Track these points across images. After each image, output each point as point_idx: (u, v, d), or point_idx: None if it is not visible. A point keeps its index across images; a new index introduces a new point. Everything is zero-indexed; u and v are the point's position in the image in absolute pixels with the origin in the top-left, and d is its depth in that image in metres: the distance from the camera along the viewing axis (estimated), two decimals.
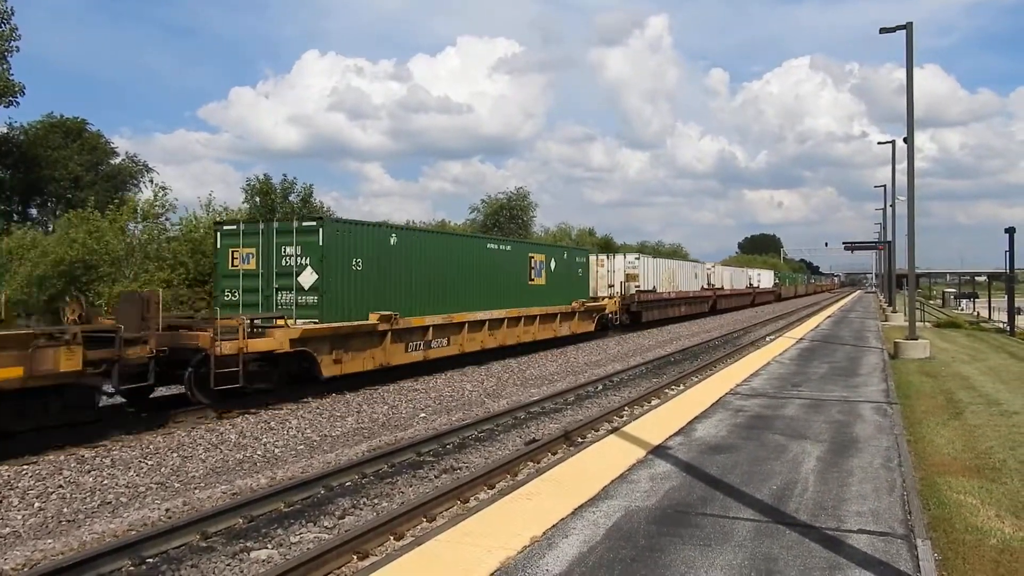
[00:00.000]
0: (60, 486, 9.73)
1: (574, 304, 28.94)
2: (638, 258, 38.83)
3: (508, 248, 24.99)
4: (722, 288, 57.61)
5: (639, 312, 36.96)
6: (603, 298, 34.22)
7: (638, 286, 37.12)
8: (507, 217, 57.88)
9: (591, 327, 30.83)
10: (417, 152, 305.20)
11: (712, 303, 53.87)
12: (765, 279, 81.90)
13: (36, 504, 9.06)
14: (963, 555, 6.21)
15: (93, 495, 9.45)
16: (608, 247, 63.82)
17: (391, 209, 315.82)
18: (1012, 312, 42.15)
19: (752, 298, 71.44)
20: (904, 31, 22.33)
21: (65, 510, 8.90)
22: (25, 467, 10.45)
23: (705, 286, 52.09)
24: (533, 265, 26.33)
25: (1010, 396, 14.63)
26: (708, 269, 55.16)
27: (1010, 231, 40.84)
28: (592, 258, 35.68)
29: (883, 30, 23.01)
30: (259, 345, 14.76)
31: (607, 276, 36.82)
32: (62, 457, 11.04)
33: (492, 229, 52.27)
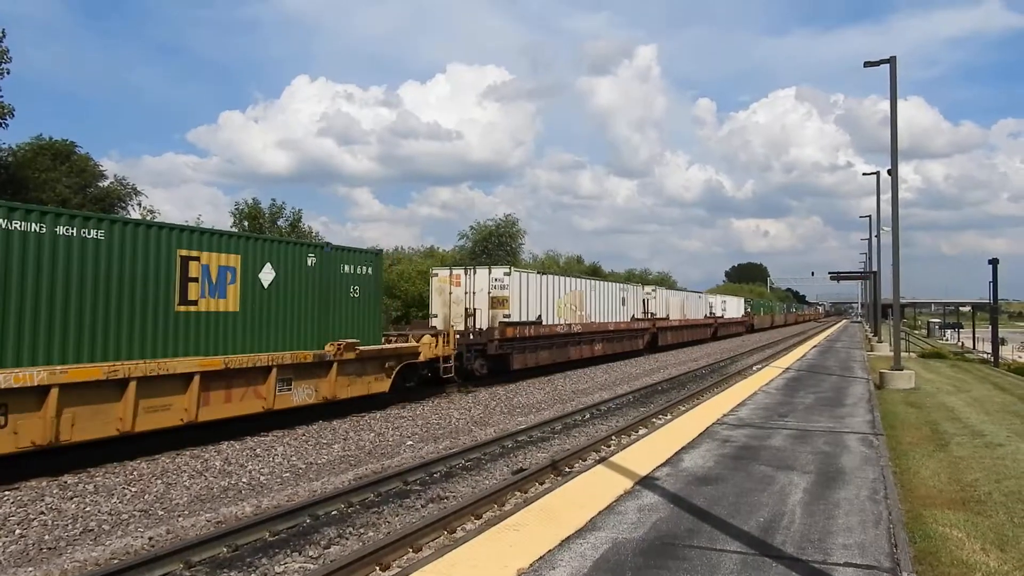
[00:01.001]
0: (42, 513, 9.62)
1: (330, 348, 16.55)
2: (508, 273, 26.21)
3: (99, 235, 12.48)
4: (666, 318, 45.86)
5: (506, 355, 25.15)
6: (422, 337, 20.74)
7: (507, 315, 25.57)
8: (496, 243, 58.00)
9: (382, 386, 18.34)
10: (406, 178, 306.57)
11: (650, 339, 42.18)
12: (732, 307, 70.77)
13: (17, 531, 8.94)
14: None
15: (75, 522, 9.34)
16: (596, 275, 62.56)
17: (380, 234, 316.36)
18: (996, 343, 42.62)
19: (713, 330, 59.89)
20: (888, 64, 22.70)
21: (46, 537, 8.79)
22: (7, 493, 10.33)
23: (639, 315, 40.88)
24: (195, 274, 14.11)
25: (995, 428, 14.71)
26: (647, 293, 43.60)
27: (993, 262, 41.44)
28: (443, 274, 26.75)
29: (867, 64, 23.36)
30: None
31: (466, 300, 25.87)
32: (44, 483, 10.92)
33: (481, 255, 52.34)
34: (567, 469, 11.90)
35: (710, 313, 59.66)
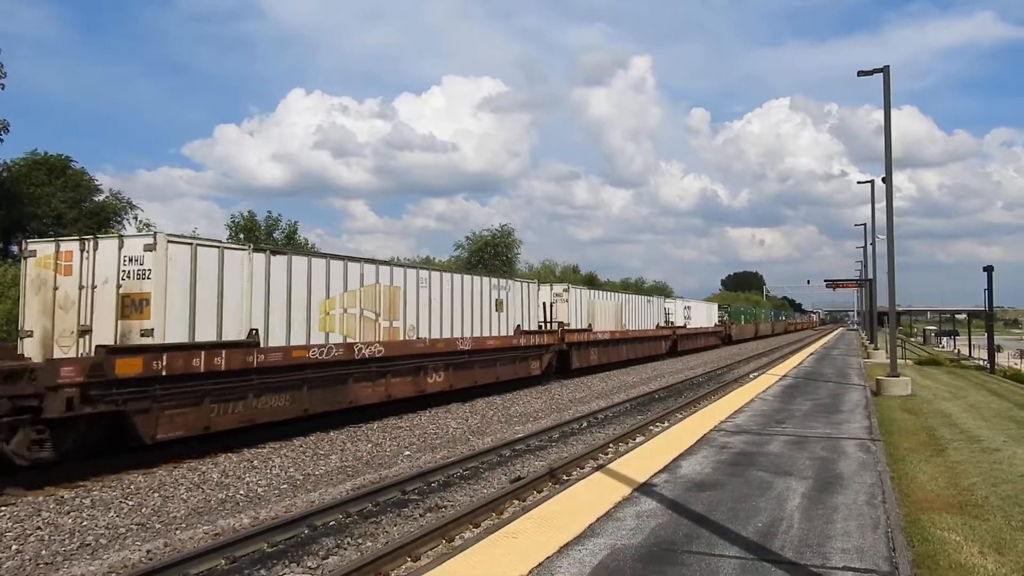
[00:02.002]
0: (38, 528, 9.58)
1: None
2: (152, 247, 13.26)
3: None
4: (587, 330, 33.03)
5: (125, 416, 12.39)
6: None
7: (148, 330, 13.03)
8: (491, 254, 58.09)
9: None
10: (401, 189, 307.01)
11: (554, 359, 29.02)
12: (700, 314, 57.38)
13: (14, 546, 8.90)
14: None
15: (72, 537, 9.30)
16: (592, 285, 61.80)
17: (375, 246, 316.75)
18: (992, 350, 42.72)
19: (671, 343, 47.26)
20: (881, 74, 22.86)
21: (43, 552, 8.76)
22: (3, 508, 10.29)
23: (534, 326, 27.73)
24: None
25: (991, 433, 14.76)
26: (556, 295, 31.50)
27: (988, 270, 41.56)
28: (43, 251, 14.07)
29: (861, 73, 23.53)
30: None
31: (81, 302, 13.64)
32: (40, 498, 10.88)
33: (477, 266, 52.40)
34: (565, 477, 11.89)
35: (666, 322, 47.84)
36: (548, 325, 29.88)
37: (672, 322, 48.91)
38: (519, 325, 26.28)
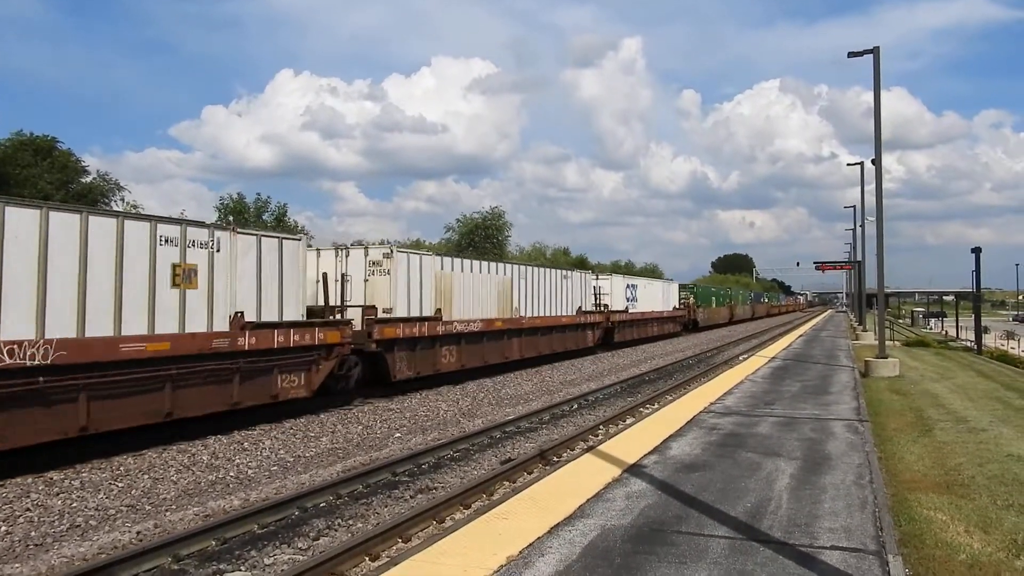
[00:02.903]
0: (28, 509, 9.55)
1: None
2: None
3: None
4: (436, 319, 21.33)
5: None
6: None
7: None
8: (482, 236, 57.95)
9: None
10: (391, 172, 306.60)
11: (333, 369, 16.93)
12: (650, 295, 45.05)
13: (3, 528, 8.88)
14: (933, 570, 6.30)
15: (62, 518, 9.28)
16: (582, 267, 60.98)
17: (366, 228, 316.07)
18: (979, 331, 43.09)
19: (600, 333, 35.13)
20: (872, 55, 22.81)
21: (33, 534, 8.73)
22: None
23: (285, 314, 15.53)
24: None
25: (978, 414, 14.87)
26: (374, 262, 20.03)
27: (976, 251, 41.86)
28: None
29: (851, 54, 23.45)
30: None
31: None
32: (30, 480, 10.84)
33: (467, 248, 52.27)
34: (555, 458, 11.93)
35: (597, 305, 35.99)
36: (342, 313, 18.36)
37: (606, 305, 37.16)
38: (240, 313, 14.61)
